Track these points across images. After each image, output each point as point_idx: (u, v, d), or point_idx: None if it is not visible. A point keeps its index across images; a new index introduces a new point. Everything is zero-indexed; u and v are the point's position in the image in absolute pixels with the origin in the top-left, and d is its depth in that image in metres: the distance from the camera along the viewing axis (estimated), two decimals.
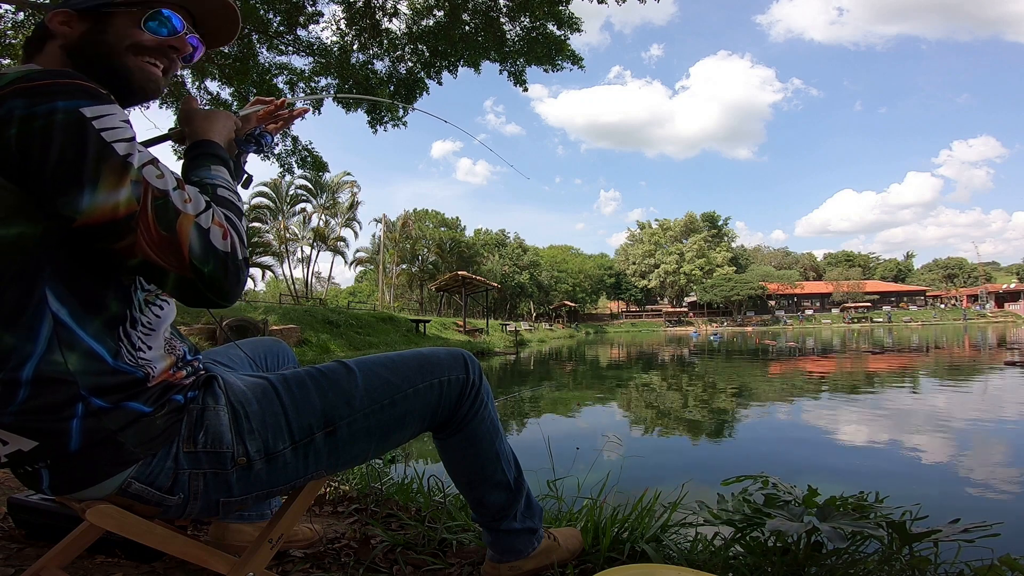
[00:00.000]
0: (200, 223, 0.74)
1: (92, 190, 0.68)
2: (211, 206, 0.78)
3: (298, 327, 13.77)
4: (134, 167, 0.71)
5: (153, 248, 0.71)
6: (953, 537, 1.14)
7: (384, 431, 0.99)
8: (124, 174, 0.70)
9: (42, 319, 0.72)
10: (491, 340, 24.75)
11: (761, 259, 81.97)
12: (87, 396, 0.75)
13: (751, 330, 53.31)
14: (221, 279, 0.75)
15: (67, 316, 0.73)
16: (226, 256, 0.76)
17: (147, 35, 0.87)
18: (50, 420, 0.73)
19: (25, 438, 0.74)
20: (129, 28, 0.86)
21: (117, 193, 0.70)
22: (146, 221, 0.71)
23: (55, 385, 0.73)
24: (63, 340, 0.73)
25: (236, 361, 1.17)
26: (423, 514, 1.63)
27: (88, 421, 0.75)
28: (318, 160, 10.90)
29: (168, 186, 0.73)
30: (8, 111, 0.68)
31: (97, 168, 0.69)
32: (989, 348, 20.24)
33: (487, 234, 63.56)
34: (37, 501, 1.37)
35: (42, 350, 0.72)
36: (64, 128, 0.68)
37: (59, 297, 0.73)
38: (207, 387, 0.89)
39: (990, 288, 66.79)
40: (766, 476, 1.42)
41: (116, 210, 0.69)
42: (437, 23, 8.59)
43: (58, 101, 0.69)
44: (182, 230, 0.72)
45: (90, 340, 0.75)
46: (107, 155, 0.70)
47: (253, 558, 0.93)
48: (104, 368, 0.76)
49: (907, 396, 9.03)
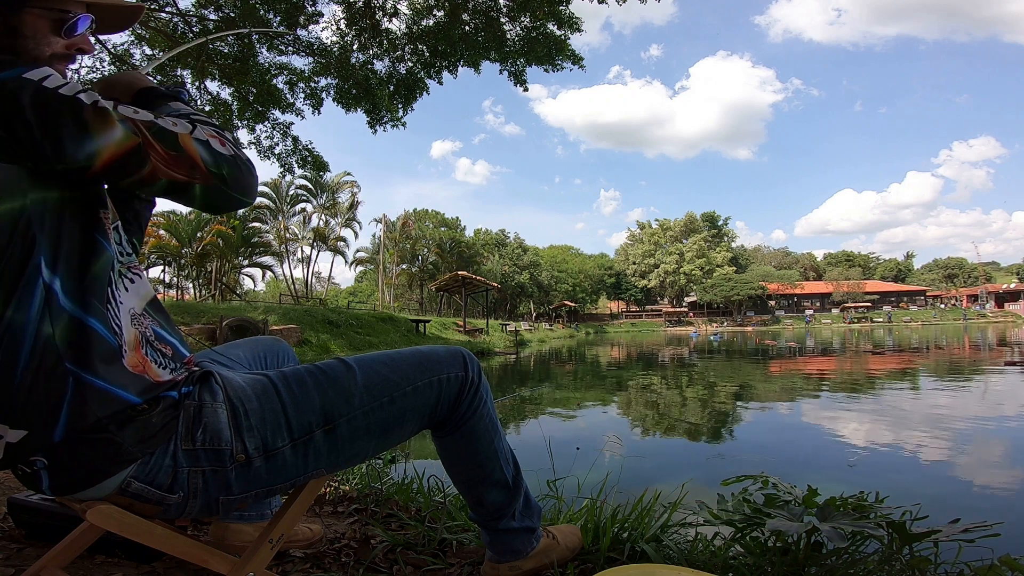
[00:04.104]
0: (197, 137, 0.79)
1: (89, 137, 0.71)
2: (196, 124, 0.82)
3: (298, 327, 13.78)
4: (110, 109, 0.73)
5: (171, 167, 0.76)
6: (953, 537, 1.14)
7: (384, 429, 0.99)
8: (107, 115, 0.73)
9: (35, 288, 0.73)
10: (491, 340, 24.75)
11: (761, 259, 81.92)
12: (73, 369, 0.75)
13: (751, 330, 53.32)
14: (239, 177, 0.82)
15: (57, 285, 0.75)
16: (234, 157, 0.82)
17: (63, 42, 0.84)
18: (41, 401, 0.74)
19: (15, 429, 0.74)
20: (45, 33, 0.82)
21: (113, 131, 0.73)
22: (153, 147, 0.75)
23: (45, 358, 0.73)
24: (52, 309, 0.74)
25: (236, 360, 1.17)
26: (423, 514, 1.62)
27: (76, 402, 0.75)
28: (318, 160, 10.91)
29: (149, 116, 0.77)
30: None
31: (79, 118, 0.71)
32: (989, 348, 20.24)
33: (487, 234, 63.55)
34: (37, 501, 1.37)
35: (34, 320, 0.73)
36: (23, 93, 0.68)
37: (50, 266, 0.75)
38: (203, 383, 0.88)
39: (990, 288, 66.78)
40: (766, 476, 1.42)
41: (122, 145, 0.73)
42: (437, 23, 8.59)
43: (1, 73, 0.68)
44: (187, 146, 0.78)
45: (73, 308, 0.76)
46: (79, 105, 0.71)
47: (253, 558, 0.93)
48: (84, 337, 0.76)
49: (907, 396, 9.02)
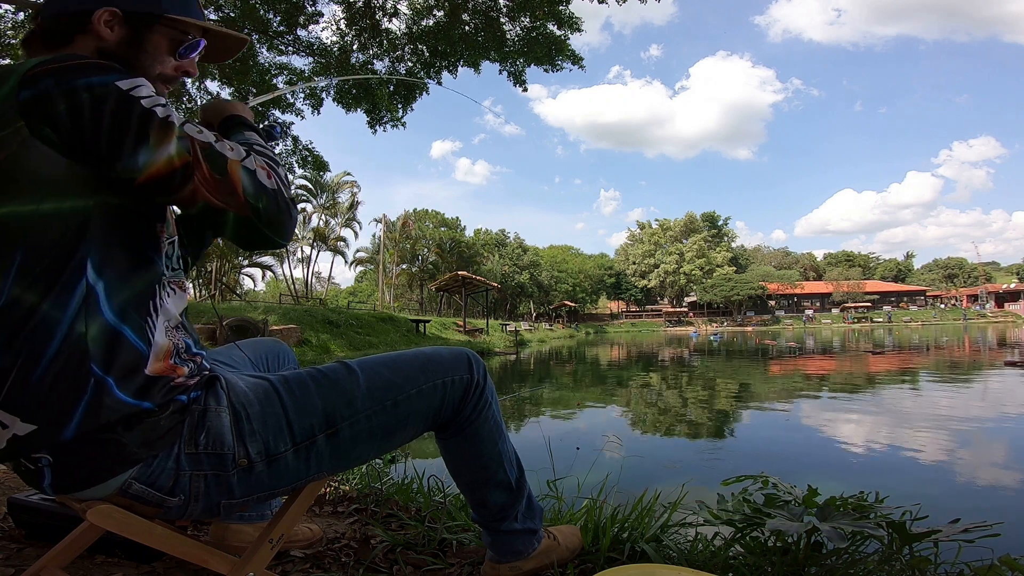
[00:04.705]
0: (246, 166, 0.81)
1: (146, 149, 0.74)
2: (251, 153, 0.84)
3: (298, 327, 13.77)
4: (176, 125, 0.77)
5: (212, 191, 0.78)
6: (953, 537, 1.14)
7: (386, 432, 0.99)
8: (170, 131, 0.76)
9: (76, 287, 0.74)
10: (491, 340, 24.75)
11: (761, 259, 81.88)
12: (97, 371, 0.75)
13: (751, 330, 53.29)
14: (275, 214, 0.82)
15: (100, 288, 0.76)
16: (275, 192, 0.82)
17: (174, 63, 0.92)
18: (58, 398, 0.74)
19: (25, 422, 0.74)
20: (163, 52, 0.90)
21: (168, 147, 0.75)
22: (200, 168, 0.77)
23: (71, 357, 0.74)
24: (90, 311, 0.75)
25: (237, 361, 1.16)
26: (423, 514, 1.62)
27: (92, 404, 0.75)
28: (318, 160, 10.91)
29: (210, 139, 0.80)
30: (44, 90, 0.71)
31: (144, 129, 0.74)
32: (989, 348, 20.23)
33: (487, 234, 63.52)
34: (37, 501, 1.36)
35: (70, 318, 0.74)
36: (106, 99, 0.73)
37: (96, 269, 0.76)
38: (210, 388, 0.88)
39: (990, 288, 66.77)
40: (766, 476, 1.41)
41: (172, 162, 0.75)
42: (437, 23, 8.58)
43: (92, 77, 0.73)
44: (233, 172, 0.79)
45: (112, 314, 0.77)
46: (149, 117, 0.75)
47: (253, 558, 0.93)
48: (116, 343, 0.77)
49: (907, 396, 9.03)
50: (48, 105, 0.71)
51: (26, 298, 0.73)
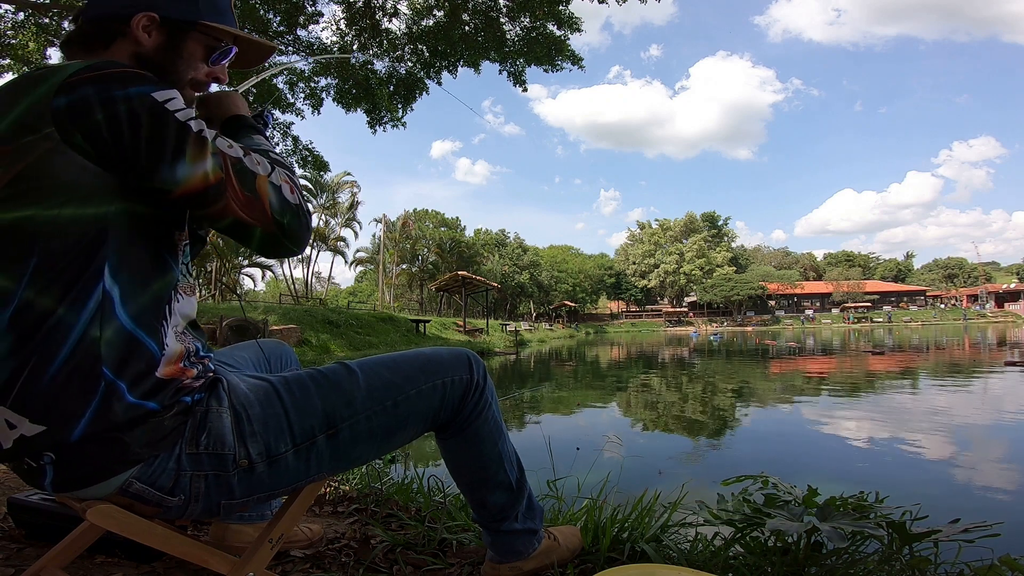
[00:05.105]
0: (273, 182, 0.82)
1: (183, 163, 0.76)
2: (275, 167, 0.85)
3: (298, 327, 13.77)
4: (209, 140, 0.78)
5: (242, 208, 0.80)
6: (953, 537, 1.14)
7: (386, 432, 0.99)
8: (204, 147, 0.77)
9: (92, 291, 0.74)
10: (491, 340, 24.75)
11: (761, 259, 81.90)
12: (109, 374, 0.75)
13: (751, 330, 53.30)
14: (297, 228, 0.84)
15: (116, 294, 0.76)
16: (298, 207, 0.84)
17: (207, 69, 0.93)
18: (69, 400, 0.73)
19: (34, 423, 0.74)
20: (197, 59, 0.91)
21: (204, 163, 0.77)
22: (232, 186, 0.79)
23: (84, 360, 0.74)
24: (105, 316, 0.75)
25: (238, 363, 1.16)
26: (423, 514, 1.62)
27: (102, 407, 0.75)
28: (319, 160, 10.92)
29: (240, 154, 0.81)
30: (83, 98, 0.72)
31: (181, 144, 0.75)
32: (989, 348, 20.23)
33: (487, 234, 63.54)
34: (37, 501, 1.36)
35: (84, 322, 0.74)
36: (144, 111, 0.74)
37: (113, 274, 0.76)
38: (212, 389, 0.88)
39: (990, 288, 66.78)
40: (766, 476, 1.41)
41: (207, 178, 0.77)
42: (437, 23, 8.59)
43: (130, 87, 0.74)
44: (262, 190, 0.81)
45: (127, 319, 0.77)
46: (186, 132, 0.76)
47: (253, 558, 0.93)
48: (130, 348, 0.77)
49: (907, 396, 9.03)
50: (85, 114, 0.71)
51: (40, 301, 0.72)
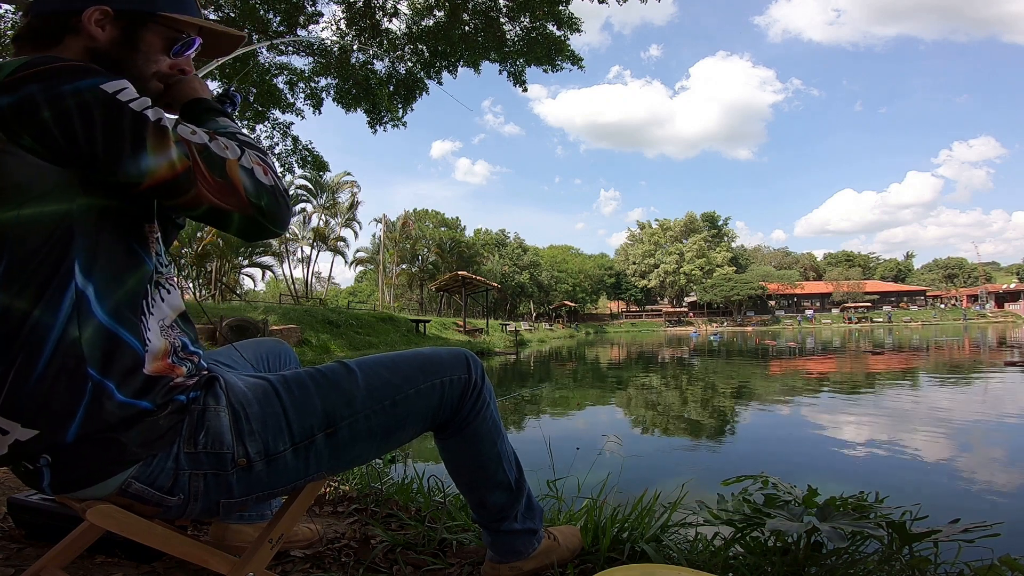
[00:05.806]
0: (244, 165, 0.80)
1: (145, 155, 0.72)
2: (244, 149, 0.82)
3: (298, 327, 13.77)
4: (169, 128, 0.75)
5: (215, 194, 0.77)
6: (953, 537, 1.14)
7: (385, 432, 0.99)
8: (165, 135, 0.74)
9: (65, 291, 0.73)
10: (491, 340, 24.74)
11: (761, 259, 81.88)
12: (95, 374, 0.74)
13: (751, 330, 53.28)
14: (276, 209, 0.82)
15: (91, 291, 0.75)
16: (274, 188, 0.82)
17: (170, 61, 0.90)
18: (57, 403, 0.73)
19: (26, 427, 0.74)
20: (157, 51, 0.88)
21: (168, 152, 0.74)
22: (201, 172, 0.76)
23: (67, 361, 0.73)
24: (82, 314, 0.74)
25: (237, 362, 1.16)
26: (423, 514, 1.62)
27: (92, 407, 0.75)
28: (318, 160, 10.93)
29: (204, 140, 0.78)
30: (27, 96, 0.68)
31: (140, 135, 0.72)
32: (989, 348, 20.22)
33: (487, 234, 63.53)
34: (37, 501, 1.36)
35: (62, 323, 0.73)
36: (95, 104, 0.70)
37: (85, 271, 0.74)
38: (209, 387, 0.88)
39: (990, 288, 66.75)
40: (766, 476, 1.41)
41: (174, 167, 0.74)
42: (437, 23, 8.59)
43: (77, 81, 0.70)
44: (233, 174, 0.78)
45: (104, 316, 0.76)
46: (143, 122, 0.73)
47: (253, 558, 0.93)
48: (111, 345, 0.76)
49: (907, 396, 9.02)
50: (31, 113, 0.68)
51: (16, 305, 0.72)
